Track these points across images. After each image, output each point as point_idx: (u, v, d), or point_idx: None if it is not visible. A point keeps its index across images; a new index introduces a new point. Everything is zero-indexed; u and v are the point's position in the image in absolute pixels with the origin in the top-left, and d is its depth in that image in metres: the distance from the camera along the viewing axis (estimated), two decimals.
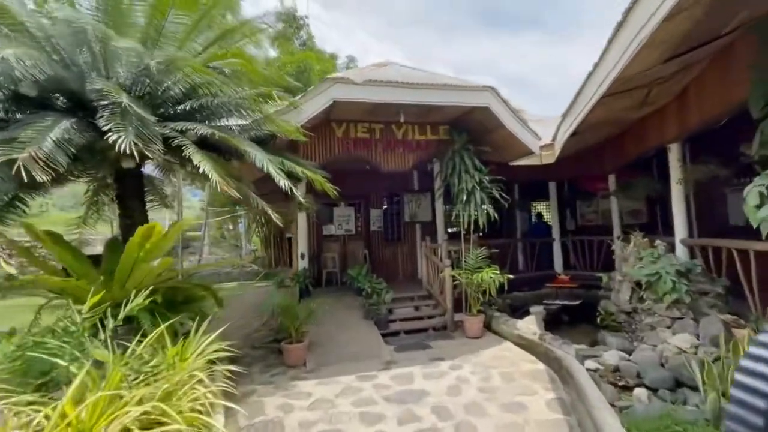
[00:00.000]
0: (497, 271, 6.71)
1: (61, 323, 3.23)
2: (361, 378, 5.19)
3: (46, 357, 2.82)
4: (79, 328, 2.97)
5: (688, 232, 6.23)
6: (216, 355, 4.13)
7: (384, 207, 10.82)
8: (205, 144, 4.87)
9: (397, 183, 10.63)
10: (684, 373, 3.92)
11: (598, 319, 6.64)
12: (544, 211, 13.15)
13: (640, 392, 3.92)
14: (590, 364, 4.70)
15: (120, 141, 3.27)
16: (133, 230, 4.26)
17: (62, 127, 3.47)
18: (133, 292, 4.18)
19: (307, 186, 9.91)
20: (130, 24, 4.70)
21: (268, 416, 4.19)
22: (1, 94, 4.07)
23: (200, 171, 3.76)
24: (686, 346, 4.29)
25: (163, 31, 4.84)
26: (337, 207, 10.47)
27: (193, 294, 4.79)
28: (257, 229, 20.01)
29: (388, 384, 4.96)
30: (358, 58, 26.57)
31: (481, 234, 9.92)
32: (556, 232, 10.38)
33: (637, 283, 5.81)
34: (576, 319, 8.19)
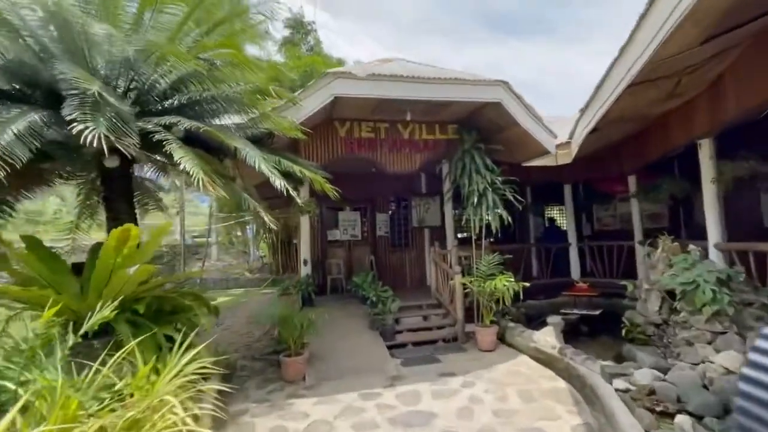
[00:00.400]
0: (511, 279, 6.18)
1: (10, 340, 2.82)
2: (363, 396, 4.71)
3: None
4: (32, 345, 2.55)
5: (723, 235, 5.64)
6: (202, 372, 3.69)
7: (391, 211, 10.37)
8: (195, 142, 4.50)
9: (405, 186, 10.19)
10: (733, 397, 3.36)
11: (622, 331, 6.06)
12: (558, 215, 12.57)
13: (683, 420, 3.36)
14: (620, 383, 4.15)
15: (87, 132, 2.88)
16: None
17: (28, 120, 3.10)
18: (111, 302, 3.80)
19: (311, 190, 9.55)
20: (118, 15, 4.36)
21: None
22: None
23: (181, 168, 3.35)
24: (733, 366, 3.72)
25: (154, 23, 4.51)
26: (342, 211, 10.05)
27: (181, 304, 4.37)
28: (265, 235, 19.73)
29: (393, 404, 4.47)
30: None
31: (493, 239, 9.41)
32: (572, 237, 9.78)
33: (669, 293, 5.25)
34: (596, 330, 7.59)
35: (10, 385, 2.42)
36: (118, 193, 4.92)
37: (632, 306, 6.28)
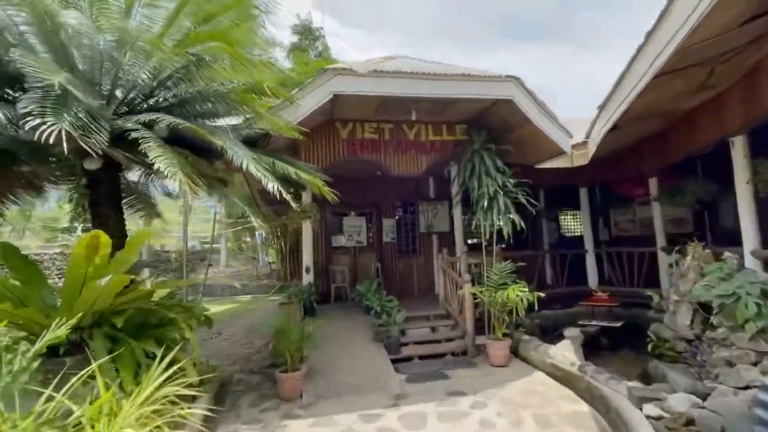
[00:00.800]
0: (525, 289, 5.69)
1: None
2: (364, 418, 4.28)
3: None
4: None
5: (760, 241, 5.08)
6: (184, 393, 3.31)
7: (398, 217, 9.94)
8: (184, 144, 4.17)
9: (412, 191, 9.77)
10: None
11: (648, 346, 5.51)
12: (572, 220, 11.98)
13: None
14: (651, 409, 3.65)
15: (44, 128, 2.54)
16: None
17: None
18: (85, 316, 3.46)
19: (313, 195, 9.19)
20: (105, 9, 4.07)
21: None
22: None
23: (155, 167, 3.00)
24: None
25: (142, 17, 4.22)
26: (347, 217, 9.67)
27: (166, 316, 4.01)
28: (273, 242, 19.48)
29: (396, 427, 4.02)
30: None
31: (505, 245, 8.91)
32: (589, 243, 9.21)
33: (702, 305, 4.71)
34: (618, 343, 7.02)
35: None
36: (104, 198, 4.62)
37: (658, 318, 5.72)
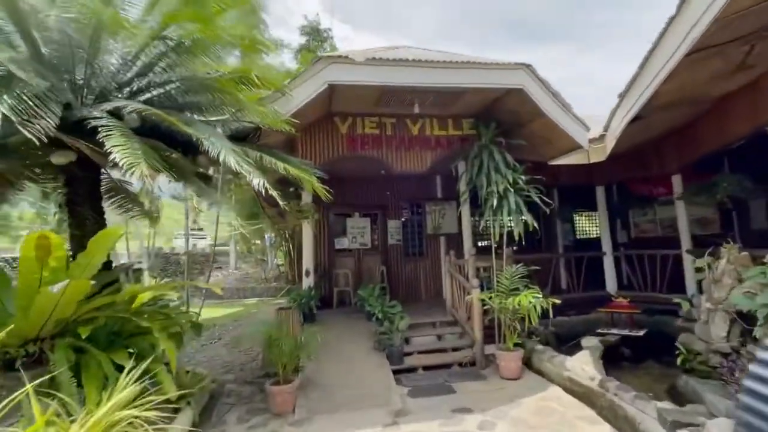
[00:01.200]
0: (538, 295, 5.18)
1: None
2: None
3: None
4: None
5: None
6: (143, 409, 2.91)
7: (404, 218, 9.48)
8: (158, 135, 3.80)
9: (418, 191, 9.31)
10: None
11: (677, 358, 4.94)
12: (587, 221, 11.36)
13: None
14: None
15: None
16: (85, 243, 3.22)
17: None
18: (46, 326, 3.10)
19: (316, 194, 8.81)
20: None
21: None
22: None
23: (111, 158, 2.62)
24: None
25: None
26: (350, 218, 9.25)
27: (138, 325, 3.62)
28: (281, 244, 19.20)
29: None
30: None
31: (516, 247, 8.37)
32: (606, 246, 8.60)
33: (740, 314, 4.15)
34: (641, 354, 6.41)
35: None
36: (82, 197, 4.28)
37: (688, 328, 5.15)
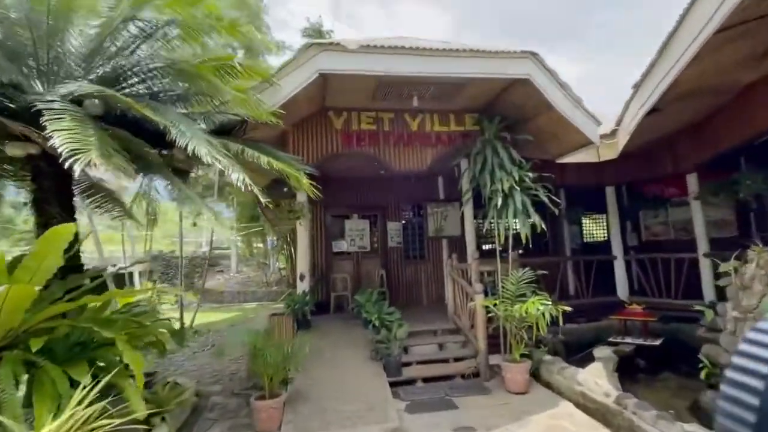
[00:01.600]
0: (547, 302, 4.74)
1: None
2: None
3: None
4: None
5: None
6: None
7: (404, 220, 9.08)
8: (128, 126, 3.43)
9: (419, 191, 8.90)
10: None
11: (701, 372, 4.48)
12: (595, 224, 10.88)
13: None
14: None
15: None
16: None
17: None
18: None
19: (314, 199, 8.43)
20: None
21: None
22: None
23: (49, 144, 2.24)
24: None
25: None
26: (349, 219, 8.85)
27: (101, 336, 3.23)
28: (283, 247, 18.86)
29: None
30: None
31: (522, 251, 7.93)
32: (617, 249, 8.13)
33: None
34: (657, 364, 5.94)
35: None
36: (50, 195, 3.92)
37: (711, 339, 4.68)
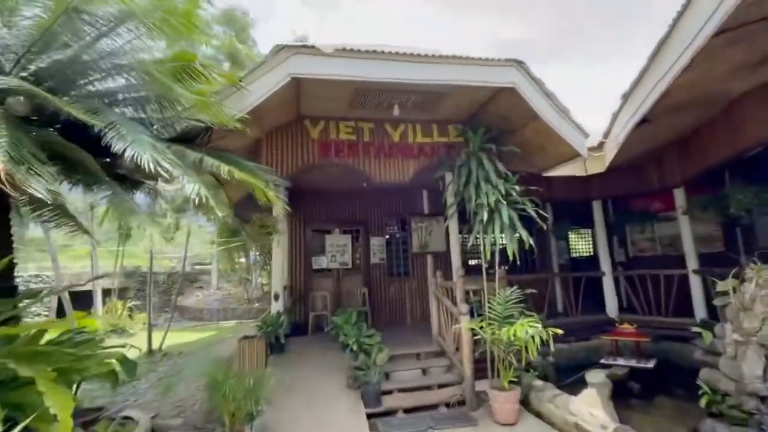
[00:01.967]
0: (537, 324, 4.38)
1: None
2: None
3: None
4: None
5: None
6: None
7: (388, 235, 8.71)
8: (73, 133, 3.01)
9: (403, 205, 8.60)
10: None
11: (701, 400, 4.15)
12: (582, 239, 10.70)
13: None
14: None
15: None
16: None
17: None
18: None
19: (292, 208, 8.00)
20: None
21: None
22: None
23: None
24: None
25: None
26: (330, 234, 8.44)
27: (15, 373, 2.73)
28: (266, 262, 18.29)
29: None
30: None
31: (508, 267, 7.62)
32: (606, 265, 7.88)
33: None
34: (651, 388, 5.62)
35: None
36: None
37: (710, 363, 4.38)
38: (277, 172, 5.19)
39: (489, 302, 5.01)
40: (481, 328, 4.65)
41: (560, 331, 4.46)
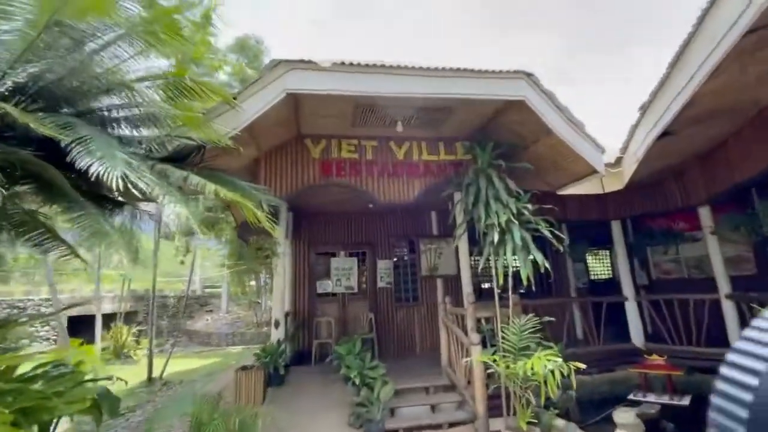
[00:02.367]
0: (557, 357, 3.91)
1: None
2: None
3: None
4: None
5: None
6: None
7: (395, 258, 8.33)
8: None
9: (411, 227, 8.27)
10: None
11: None
12: (600, 261, 10.16)
13: None
14: None
15: None
16: None
17: None
18: None
19: (294, 229, 7.73)
20: None
21: None
22: None
23: None
24: None
25: None
26: (335, 257, 8.10)
27: None
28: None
29: None
30: None
31: (523, 291, 7.13)
32: (628, 289, 7.32)
33: None
34: (686, 426, 4.99)
35: None
36: None
37: None
38: (276, 192, 4.95)
39: (503, 331, 4.55)
40: (495, 361, 4.19)
41: (583, 366, 3.98)
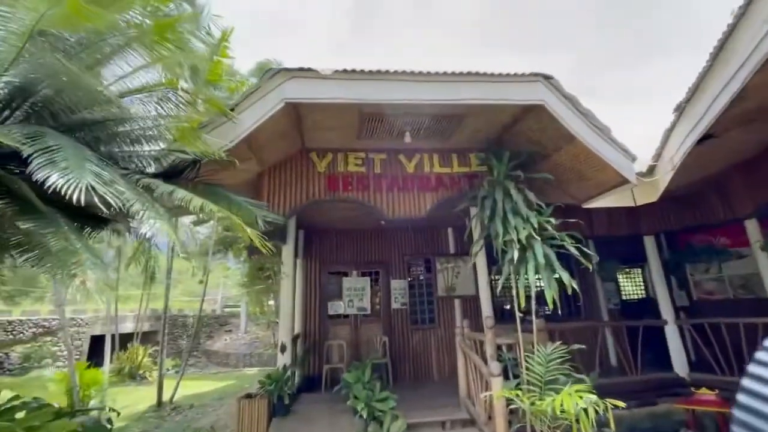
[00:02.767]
0: (592, 393, 3.37)
1: None
2: None
3: None
4: None
5: None
6: None
7: (410, 277, 7.90)
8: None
9: (427, 245, 7.86)
10: None
11: None
12: (631, 280, 9.39)
13: None
14: None
15: None
16: None
17: None
18: None
19: (305, 249, 7.44)
20: None
21: None
22: None
23: None
24: None
25: None
26: (347, 277, 7.73)
27: None
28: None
29: None
30: None
31: (548, 313, 6.53)
32: (667, 312, 6.59)
33: None
34: None
35: None
36: None
37: None
38: (280, 208, 4.68)
39: (526, 361, 4.03)
40: (518, 395, 3.67)
41: (622, 404, 3.42)
